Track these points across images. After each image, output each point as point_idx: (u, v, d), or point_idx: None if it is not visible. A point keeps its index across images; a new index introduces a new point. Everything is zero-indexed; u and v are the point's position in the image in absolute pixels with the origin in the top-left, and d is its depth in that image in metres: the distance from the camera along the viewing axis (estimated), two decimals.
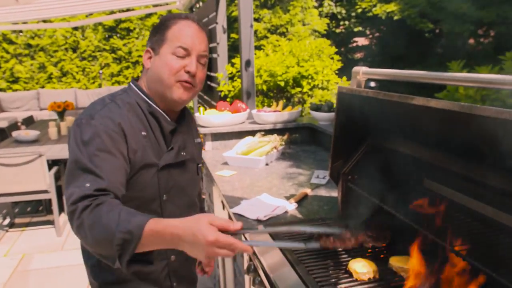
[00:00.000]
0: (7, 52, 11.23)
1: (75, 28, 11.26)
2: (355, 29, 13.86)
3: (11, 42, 11.22)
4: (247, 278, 1.82)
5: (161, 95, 1.48)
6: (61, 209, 4.88)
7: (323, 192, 2.29)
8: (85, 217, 1.14)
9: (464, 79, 1.15)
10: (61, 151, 4.64)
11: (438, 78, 1.23)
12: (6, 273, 3.96)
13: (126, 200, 1.32)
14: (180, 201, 1.57)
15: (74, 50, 11.42)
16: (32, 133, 5.21)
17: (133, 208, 1.24)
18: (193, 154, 1.66)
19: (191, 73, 1.44)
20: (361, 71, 1.66)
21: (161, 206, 1.50)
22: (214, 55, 5.43)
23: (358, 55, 15.31)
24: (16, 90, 11.20)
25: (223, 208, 2.54)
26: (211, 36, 5.50)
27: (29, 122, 7.15)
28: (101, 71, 11.48)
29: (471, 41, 11.96)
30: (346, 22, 13.73)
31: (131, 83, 1.54)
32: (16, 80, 11.33)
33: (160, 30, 1.47)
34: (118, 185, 1.28)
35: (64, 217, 4.99)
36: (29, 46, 11.27)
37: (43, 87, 11.26)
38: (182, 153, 1.56)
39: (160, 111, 1.50)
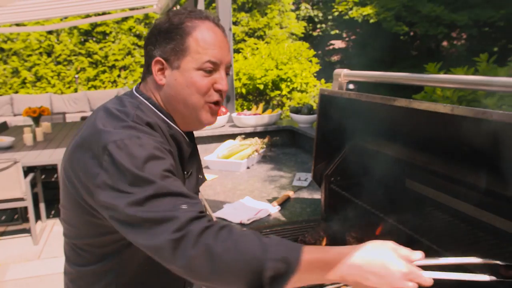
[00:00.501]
0: None
1: (50, 32, 11.06)
2: (332, 32, 14.01)
3: None
4: None
5: (185, 117, 1.23)
6: (37, 217, 4.78)
7: (305, 194, 2.29)
8: (212, 242, 0.89)
9: (444, 80, 1.17)
10: (37, 157, 4.54)
11: (420, 79, 1.25)
12: None
13: None
14: None
15: (49, 54, 11.22)
16: (6, 140, 5.09)
17: None
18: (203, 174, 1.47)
19: (223, 91, 1.21)
20: (343, 74, 1.67)
21: None
22: None
23: (335, 58, 15.48)
24: None
25: (206, 212, 2.52)
26: None
27: (2, 128, 6.98)
28: (77, 76, 11.30)
29: (445, 43, 12.23)
30: (323, 25, 13.87)
31: (140, 96, 1.23)
32: None
33: (175, 35, 1.16)
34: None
35: (40, 225, 4.88)
36: (1, 50, 11.01)
37: (16, 92, 11.01)
38: (200, 176, 1.40)
39: (182, 133, 1.25)
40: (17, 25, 10.05)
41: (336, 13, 12.26)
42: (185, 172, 1.30)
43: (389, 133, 1.58)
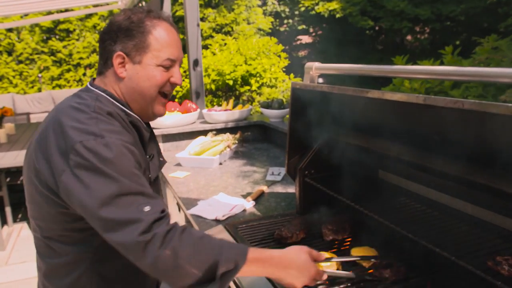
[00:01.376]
0: None
1: (10, 30, 10.69)
2: (299, 27, 14.09)
3: None
4: None
5: (141, 108, 1.31)
6: (3, 222, 4.62)
7: (279, 189, 2.30)
8: (177, 245, 1.02)
9: (416, 71, 1.19)
10: (1, 160, 4.38)
11: (391, 71, 1.27)
12: None
13: None
14: None
15: (10, 53, 10.84)
16: None
17: None
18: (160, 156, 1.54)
19: (178, 85, 1.35)
20: (314, 67, 1.68)
21: None
22: None
23: (302, 53, 15.58)
24: None
25: (179, 210, 2.50)
26: None
27: None
28: (40, 75, 10.97)
29: (409, 37, 12.50)
30: (290, 21, 13.92)
31: (96, 89, 1.29)
32: None
33: (136, 33, 1.25)
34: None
35: (7, 229, 4.72)
36: None
37: None
38: (160, 159, 1.47)
39: (139, 119, 1.33)
40: None
41: (302, 9, 12.34)
42: (148, 156, 1.38)
43: (362, 125, 1.60)
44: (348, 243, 1.58)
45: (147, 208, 1.05)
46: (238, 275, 1.08)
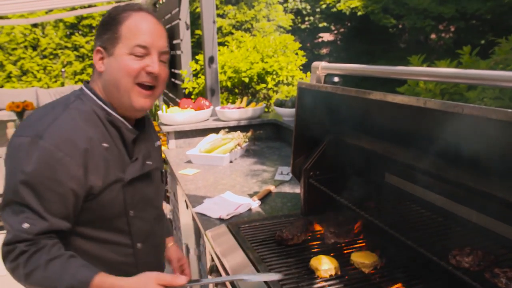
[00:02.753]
0: None
1: (35, 25, 10.89)
2: (320, 25, 13.98)
3: None
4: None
5: (120, 102, 1.29)
6: None
7: (287, 189, 2.27)
8: (22, 263, 1.11)
9: (419, 73, 1.15)
10: None
11: (396, 72, 1.23)
12: None
13: (85, 222, 1.25)
14: (148, 215, 1.40)
15: (34, 48, 11.05)
16: None
17: (95, 230, 1.28)
18: (155, 161, 1.47)
19: (154, 74, 1.26)
20: (320, 66, 1.65)
21: (128, 223, 1.33)
22: (178, 52, 5.35)
23: (324, 51, 15.45)
24: None
25: (187, 207, 2.50)
26: (174, 32, 5.41)
27: None
28: (63, 70, 11.16)
29: (433, 36, 12.27)
30: (311, 18, 13.82)
31: (84, 87, 1.32)
32: None
33: (111, 26, 1.25)
34: (63, 219, 1.18)
35: None
36: None
37: (2, 86, 10.84)
38: (147, 163, 1.38)
39: (121, 118, 1.30)
40: (1, 18, 9.89)
41: (324, 6, 12.23)
42: (131, 158, 1.35)
43: (368, 127, 1.56)
44: (350, 247, 1.55)
45: (26, 225, 1.13)
46: None
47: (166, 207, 5.26)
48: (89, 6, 9.68)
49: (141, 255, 1.37)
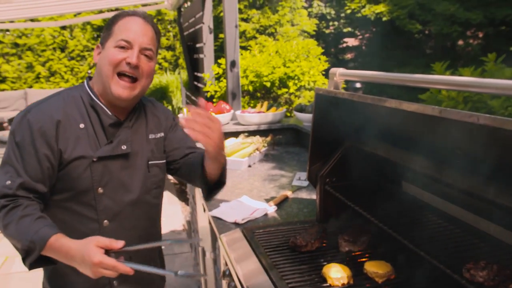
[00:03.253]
0: None
1: (63, 28, 11.14)
2: (345, 30, 13.88)
3: None
4: (224, 283, 1.80)
5: (103, 89, 1.47)
6: None
7: (304, 195, 2.26)
8: (2, 216, 1.31)
9: (435, 81, 1.13)
10: None
11: (410, 80, 1.21)
12: None
13: (59, 191, 1.45)
14: (120, 197, 1.52)
15: (63, 50, 11.30)
16: None
17: (67, 200, 1.45)
18: (142, 150, 1.59)
19: (131, 64, 1.42)
20: (338, 73, 1.64)
21: (95, 199, 1.47)
22: (201, 56, 5.39)
23: (349, 56, 15.34)
24: (3, 90, 11.06)
25: (204, 210, 2.51)
26: (197, 36, 5.46)
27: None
28: (89, 71, 11.37)
29: (460, 42, 12.04)
30: (336, 23, 13.73)
31: (86, 79, 1.56)
32: (3, 80, 11.19)
33: (108, 26, 1.47)
34: (37, 182, 1.38)
35: None
36: (16, 45, 11.13)
37: (31, 87, 11.13)
38: (122, 147, 1.51)
39: (100, 104, 1.49)
40: (32, 20, 10.15)
41: (348, 11, 12.13)
42: (108, 139, 1.50)
43: (385, 135, 1.54)
44: (365, 256, 1.53)
45: (8, 182, 1.35)
46: (48, 255, 1.29)
47: (186, 209, 5.30)
48: (116, 9, 9.85)
49: (107, 232, 1.46)
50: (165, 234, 4.60)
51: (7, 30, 10.95)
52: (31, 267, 1.32)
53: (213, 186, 1.65)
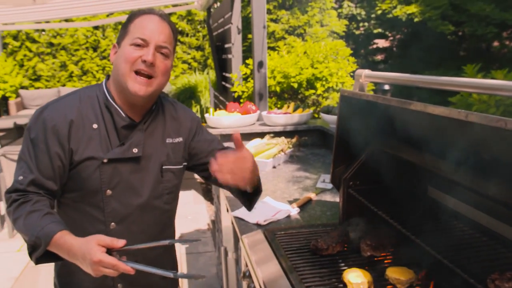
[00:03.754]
0: (30, 51, 11.44)
1: (96, 28, 11.39)
2: (375, 31, 13.69)
3: (34, 41, 11.42)
4: (244, 283, 1.79)
5: (120, 87, 1.46)
6: None
7: (328, 197, 2.24)
8: (12, 210, 1.36)
9: (461, 84, 1.10)
10: None
11: (437, 82, 1.18)
12: (19, 268, 4.01)
13: (69, 190, 1.46)
14: (129, 200, 1.49)
15: (95, 49, 11.55)
16: None
17: (76, 200, 1.47)
18: (156, 154, 1.54)
19: (147, 62, 1.40)
20: (364, 74, 1.62)
21: (103, 201, 1.46)
22: (229, 56, 5.41)
23: (379, 57, 15.12)
24: (38, 88, 11.39)
25: (227, 211, 2.51)
26: (226, 36, 5.48)
27: None
28: None
29: (496, 43, 11.69)
30: (366, 24, 13.56)
31: (105, 79, 1.56)
32: (38, 78, 11.53)
33: (125, 24, 1.46)
34: (48, 179, 1.40)
35: None
36: (51, 45, 11.44)
37: (64, 85, 11.42)
38: (133, 150, 1.47)
39: (115, 105, 1.47)
40: (66, 20, 10.42)
41: (379, 12, 11.95)
42: (120, 141, 1.48)
43: (411, 138, 1.51)
44: (388, 261, 1.50)
45: (20, 177, 1.38)
46: (54, 251, 1.29)
47: (211, 208, 5.33)
48: None
49: (113, 235, 1.39)
50: (190, 233, 4.65)
51: (43, 30, 11.27)
52: (37, 261, 1.34)
53: (250, 195, 1.61)
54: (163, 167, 1.56)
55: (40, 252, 1.29)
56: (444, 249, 1.16)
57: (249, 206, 1.66)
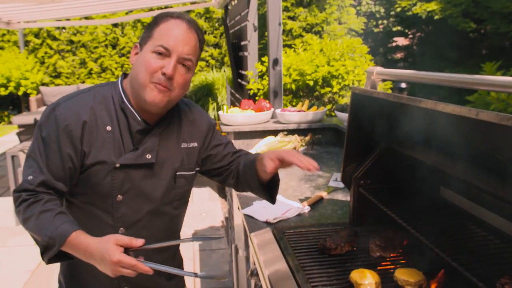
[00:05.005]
0: (51, 48, 11.64)
1: (115, 25, 11.52)
2: (394, 29, 13.51)
3: (54, 39, 11.61)
4: (252, 281, 1.78)
5: (136, 94, 1.38)
6: None
7: (339, 196, 2.21)
8: (22, 210, 1.29)
9: (476, 81, 1.06)
10: None
11: (453, 80, 1.15)
12: (35, 261, 4.08)
13: (79, 193, 1.42)
14: (140, 206, 1.45)
15: (114, 47, 11.69)
16: None
17: (86, 203, 1.43)
18: (169, 160, 1.49)
19: (166, 75, 1.32)
20: (375, 71, 1.59)
21: (113, 206, 1.41)
22: (245, 53, 5.40)
23: (398, 55, 14.94)
24: (58, 84, 11.58)
25: (238, 208, 2.50)
26: (242, 34, 5.47)
27: None
28: None
29: None
30: (385, 21, 13.39)
31: (120, 77, 1.48)
32: (58, 75, 11.73)
33: (150, 26, 1.39)
34: (59, 181, 1.34)
35: None
36: (71, 42, 11.62)
37: (83, 82, 11.59)
38: (147, 156, 1.42)
39: (131, 108, 1.41)
40: (86, 18, 10.55)
41: (398, 9, 11.79)
42: (134, 146, 1.43)
43: (423, 137, 1.47)
44: (396, 263, 1.46)
45: (30, 177, 1.32)
46: (67, 251, 1.25)
47: (225, 206, 5.34)
48: (166, 7, 10.07)
49: None
50: (204, 229, 4.66)
51: (63, 28, 11.44)
52: (49, 262, 1.29)
53: (271, 186, 1.59)
54: (177, 173, 1.51)
55: (53, 252, 1.24)
56: (454, 251, 1.13)
57: (272, 198, 1.61)
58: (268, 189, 1.58)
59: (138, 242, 1.22)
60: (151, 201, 1.47)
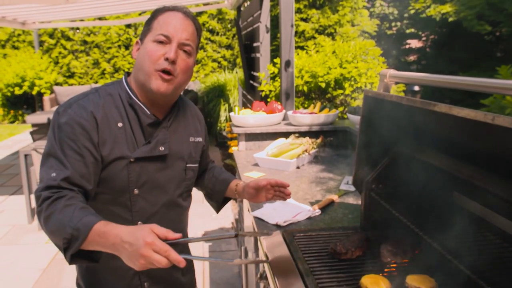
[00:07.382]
0: (65, 48, 11.75)
1: (128, 26, 11.59)
2: (407, 31, 13.41)
3: (68, 39, 11.73)
4: (261, 285, 1.77)
5: (142, 85, 1.43)
6: None
7: (350, 200, 2.19)
8: (44, 208, 1.24)
9: (490, 85, 1.04)
10: None
11: (463, 83, 1.13)
12: (46, 260, 4.11)
13: (98, 191, 1.42)
14: (155, 198, 1.50)
15: (127, 47, 11.76)
16: None
17: (105, 201, 1.43)
18: (180, 152, 1.56)
19: (169, 60, 1.38)
20: (388, 74, 1.57)
21: (130, 200, 1.44)
22: (257, 55, 5.39)
23: (411, 58, 14.82)
24: (72, 84, 11.69)
25: (248, 211, 2.49)
26: (254, 35, 5.46)
27: None
28: None
29: None
30: (398, 24, 13.30)
31: (124, 76, 1.53)
32: (72, 75, 11.83)
33: (148, 21, 1.45)
34: (83, 177, 1.33)
35: None
36: (85, 42, 11.72)
37: (96, 82, 11.68)
38: (160, 148, 1.47)
39: (139, 103, 1.46)
40: (100, 19, 10.64)
41: (412, 11, 11.69)
42: (146, 140, 1.47)
43: (437, 141, 1.45)
44: (408, 269, 1.44)
45: (53, 174, 1.29)
46: (89, 246, 1.17)
47: (235, 207, 5.32)
48: None
49: None
50: (214, 230, 4.66)
51: (77, 28, 11.55)
52: (72, 260, 1.21)
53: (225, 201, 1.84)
54: (187, 165, 1.59)
55: (77, 246, 1.17)
56: (468, 259, 1.11)
57: (219, 209, 1.88)
58: (222, 202, 1.84)
59: (175, 235, 1.17)
60: (165, 193, 1.53)
